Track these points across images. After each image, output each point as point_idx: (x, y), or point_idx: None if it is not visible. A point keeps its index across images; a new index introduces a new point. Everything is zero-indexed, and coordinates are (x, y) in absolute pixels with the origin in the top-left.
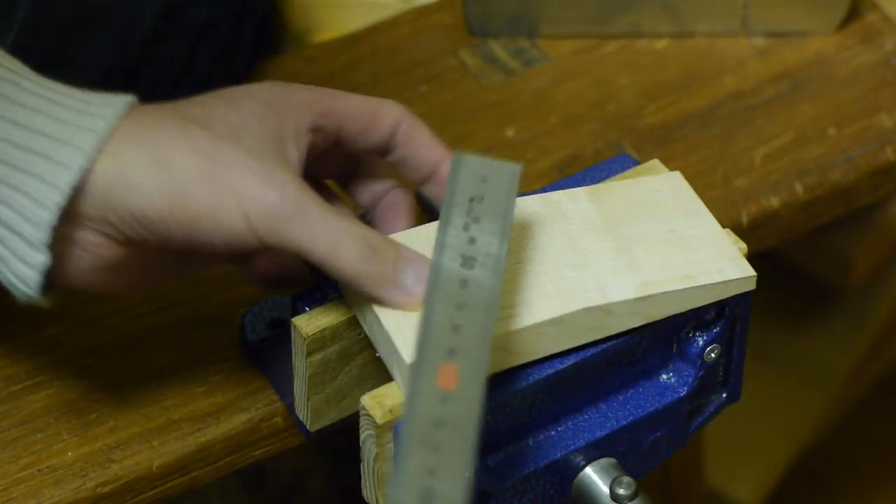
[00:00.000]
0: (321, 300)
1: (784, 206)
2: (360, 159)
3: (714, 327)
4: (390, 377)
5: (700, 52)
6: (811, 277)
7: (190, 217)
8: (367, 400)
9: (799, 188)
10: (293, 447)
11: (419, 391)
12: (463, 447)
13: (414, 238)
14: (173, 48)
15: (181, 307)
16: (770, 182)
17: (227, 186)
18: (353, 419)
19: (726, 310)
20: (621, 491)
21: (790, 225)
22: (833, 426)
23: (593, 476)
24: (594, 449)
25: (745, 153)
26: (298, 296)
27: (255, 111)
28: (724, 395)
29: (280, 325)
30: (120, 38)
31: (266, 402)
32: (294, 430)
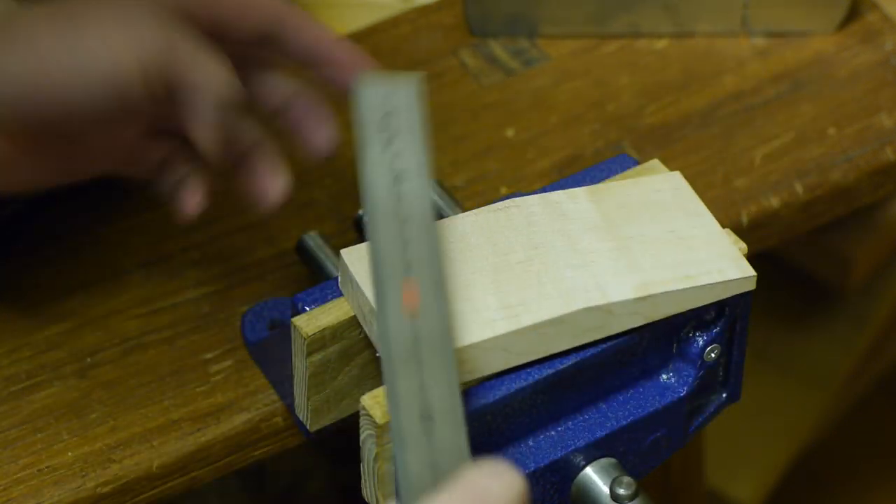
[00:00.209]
0: (321, 300)
1: (784, 206)
2: (255, 59)
3: (714, 327)
4: None
5: (700, 52)
6: (811, 277)
7: (59, 79)
8: (367, 400)
9: (799, 188)
10: (293, 447)
11: (388, 314)
12: (444, 358)
13: None
14: None
15: (181, 307)
16: (770, 182)
17: (94, 38)
18: (353, 419)
19: (726, 310)
20: (621, 491)
21: (790, 225)
22: (833, 426)
23: (593, 476)
24: (594, 449)
25: (745, 153)
26: (298, 296)
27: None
28: (724, 395)
29: (280, 325)
30: None
31: (266, 402)
32: (294, 430)
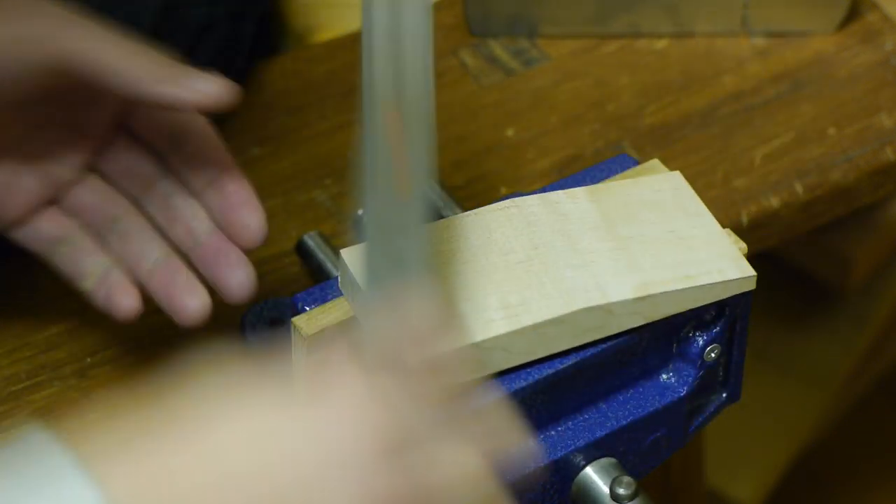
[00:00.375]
0: (321, 300)
1: (784, 206)
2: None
3: (714, 327)
4: None
5: (700, 52)
6: (811, 277)
7: None
8: None
9: (799, 188)
10: None
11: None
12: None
13: None
14: (172, 47)
15: None
16: (770, 182)
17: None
18: None
19: (726, 310)
20: (621, 491)
21: (790, 225)
22: (833, 426)
23: (593, 476)
24: (594, 449)
25: (745, 153)
26: (298, 296)
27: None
28: (724, 395)
29: (280, 325)
30: None
31: None
32: None
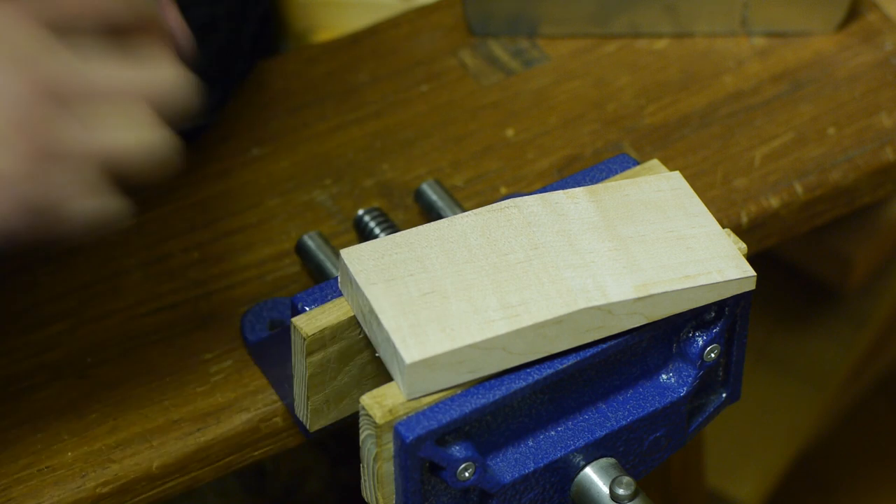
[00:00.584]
0: (321, 300)
1: (784, 206)
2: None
3: (714, 327)
4: (390, 377)
5: (700, 52)
6: (811, 277)
7: None
8: (367, 400)
9: (799, 188)
10: (293, 447)
11: None
12: None
13: (414, 238)
14: None
15: (181, 307)
16: (770, 182)
17: None
18: (352, 419)
19: (726, 310)
20: (621, 491)
21: (790, 225)
22: (833, 426)
23: (593, 476)
24: (594, 449)
25: (744, 153)
26: (298, 296)
27: None
28: (724, 395)
29: (280, 325)
30: None
31: (266, 402)
32: (294, 430)
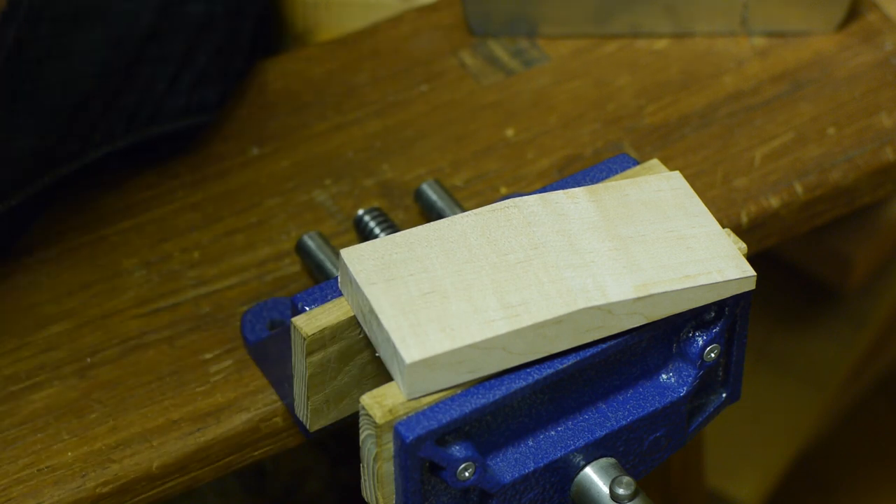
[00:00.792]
0: (321, 300)
1: (784, 206)
2: None
3: (714, 327)
4: (390, 377)
5: (700, 52)
6: (811, 277)
7: None
8: (367, 400)
9: (799, 188)
10: (293, 447)
11: None
12: None
13: (414, 238)
14: (171, 44)
15: (181, 307)
16: (770, 182)
17: None
18: (352, 419)
19: (726, 310)
20: (621, 491)
21: (790, 225)
22: (833, 426)
23: (593, 476)
24: (594, 449)
25: (744, 153)
26: (298, 296)
27: None
28: (724, 395)
29: (280, 324)
30: (117, 33)
31: (266, 402)
32: (294, 430)
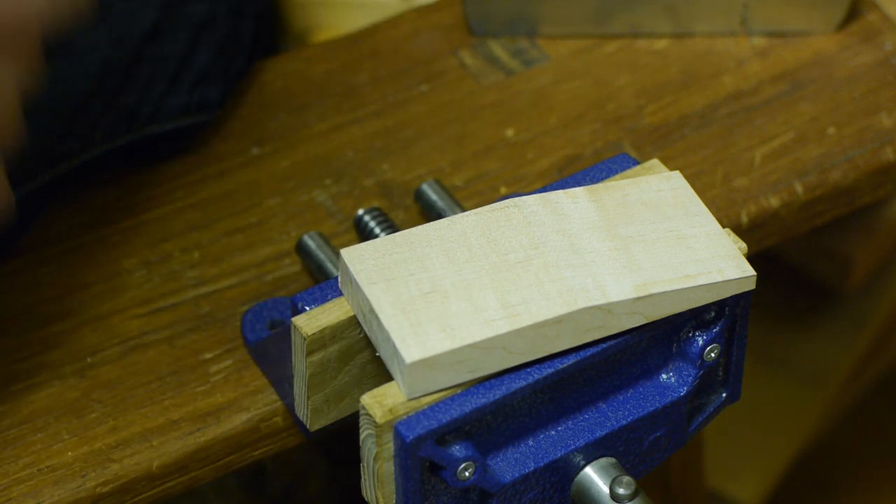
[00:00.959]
0: (321, 300)
1: (784, 206)
2: None
3: (714, 327)
4: (390, 377)
5: (700, 52)
6: (811, 277)
7: None
8: (367, 399)
9: (799, 188)
10: (293, 447)
11: None
12: None
13: (414, 238)
14: (172, 43)
15: (181, 307)
16: (770, 182)
17: None
18: (353, 419)
19: (726, 309)
20: (621, 491)
21: (790, 225)
22: (833, 426)
23: (593, 476)
24: (594, 449)
25: (744, 153)
26: (298, 296)
27: None
28: (724, 395)
29: (280, 324)
30: (118, 31)
31: (266, 402)
32: (294, 430)
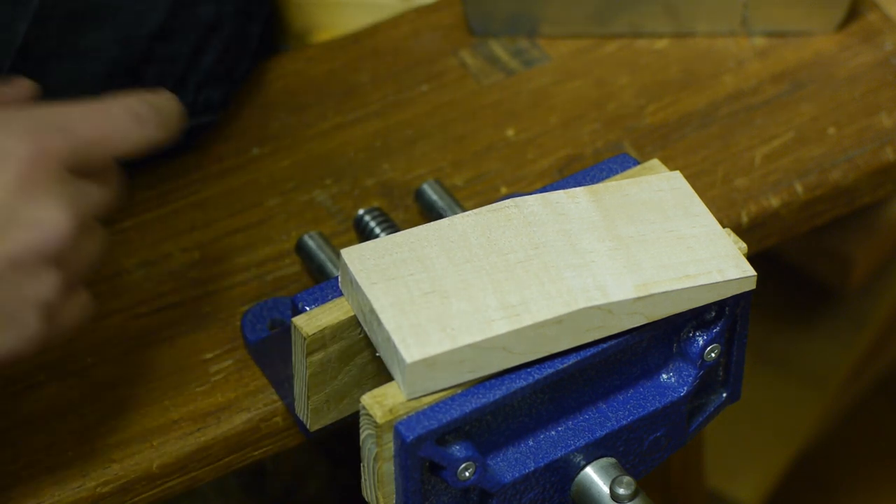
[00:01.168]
0: (321, 300)
1: (784, 206)
2: None
3: (714, 327)
4: (390, 377)
5: (700, 52)
6: (811, 277)
7: None
8: (367, 399)
9: (799, 188)
10: (293, 447)
11: None
12: None
13: (415, 238)
14: (179, 44)
15: (181, 307)
16: (770, 182)
17: None
18: (353, 419)
19: (726, 309)
20: (621, 491)
21: (790, 225)
22: (833, 426)
23: (593, 476)
24: (594, 449)
25: (745, 153)
26: (298, 296)
27: None
28: (724, 395)
29: (280, 324)
30: (127, 32)
31: (266, 402)
32: (294, 430)
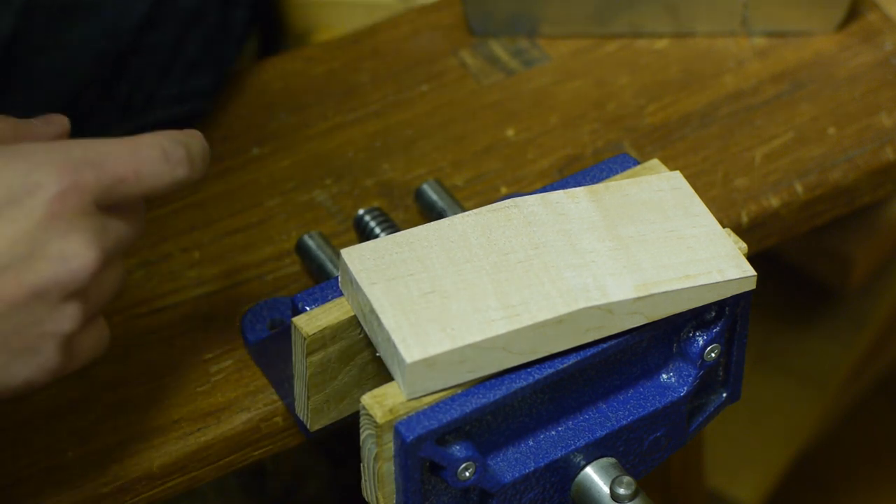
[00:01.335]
0: (321, 300)
1: (784, 205)
2: None
3: (714, 327)
4: (390, 377)
5: (700, 52)
6: (811, 277)
7: None
8: (367, 399)
9: (799, 188)
10: (293, 447)
11: None
12: None
13: (415, 238)
14: (163, 34)
15: (181, 307)
16: (770, 182)
17: None
18: (353, 419)
19: (726, 309)
20: (621, 491)
21: (790, 225)
22: (833, 426)
23: (593, 476)
24: (594, 449)
25: (745, 153)
26: (298, 296)
27: None
28: (724, 395)
29: (280, 324)
30: (111, 24)
31: (266, 402)
32: (294, 430)
